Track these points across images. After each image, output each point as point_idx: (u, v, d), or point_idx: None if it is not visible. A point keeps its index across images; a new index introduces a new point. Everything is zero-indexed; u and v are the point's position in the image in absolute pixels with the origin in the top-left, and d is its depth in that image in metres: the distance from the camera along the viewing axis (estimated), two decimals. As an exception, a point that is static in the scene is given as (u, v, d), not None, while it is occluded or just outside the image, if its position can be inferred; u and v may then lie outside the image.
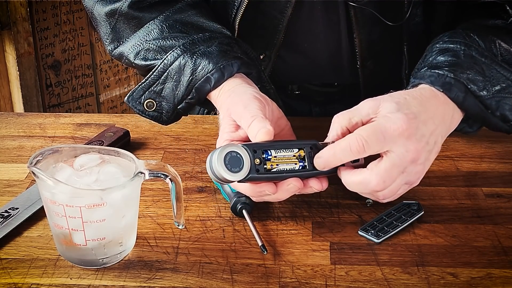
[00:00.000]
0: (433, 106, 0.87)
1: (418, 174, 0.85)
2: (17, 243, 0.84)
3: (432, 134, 0.85)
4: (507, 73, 0.92)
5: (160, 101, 0.98)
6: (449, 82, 0.89)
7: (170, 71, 0.97)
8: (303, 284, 0.77)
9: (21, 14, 2.16)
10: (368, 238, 0.84)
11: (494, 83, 0.91)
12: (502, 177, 0.96)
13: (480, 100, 0.90)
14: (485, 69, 0.91)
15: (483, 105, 0.90)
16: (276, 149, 0.82)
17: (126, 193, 0.78)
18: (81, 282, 0.77)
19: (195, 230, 0.86)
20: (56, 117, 1.14)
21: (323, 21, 1.09)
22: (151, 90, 0.98)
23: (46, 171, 0.77)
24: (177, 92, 0.97)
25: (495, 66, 0.92)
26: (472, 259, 0.80)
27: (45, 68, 2.31)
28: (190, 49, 0.96)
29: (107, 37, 1.04)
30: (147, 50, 1.00)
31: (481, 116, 0.91)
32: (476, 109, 0.90)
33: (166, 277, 0.78)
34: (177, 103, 0.97)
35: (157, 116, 0.99)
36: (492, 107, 0.91)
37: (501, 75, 0.92)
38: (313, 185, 0.84)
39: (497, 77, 0.91)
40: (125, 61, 1.03)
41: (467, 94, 0.89)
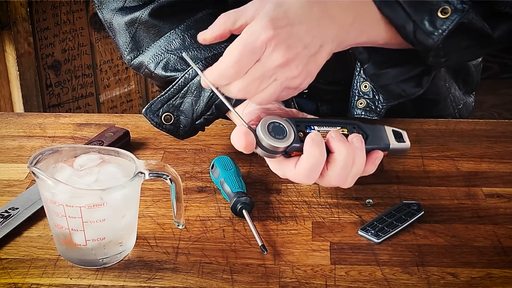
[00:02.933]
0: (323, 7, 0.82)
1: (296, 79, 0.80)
2: (17, 243, 0.84)
3: (315, 37, 0.80)
4: None
5: (178, 115, 0.97)
6: None
7: (191, 85, 0.96)
8: (303, 284, 0.77)
9: (21, 14, 2.16)
10: (368, 238, 0.84)
11: None
12: (502, 177, 0.96)
13: (402, 6, 0.86)
14: None
15: (404, 11, 0.86)
16: (318, 125, 0.81)
17: (126, 193, 0.78)
18: (81, 282, 0.77)
19: (195, 230, 0.86)
20: (56, 117, 1.14)
21: None
22: (170, 103, 0.97)
23: (46, 171, 0.77)
24: (196, 108, 0.96)
25: None
26: (472, 259, 0.80)
27: (45, 68, 2.31)
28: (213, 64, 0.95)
29: (126, 47, 1.03)
30: (168, 60, 0.99)
31: (402, 24, 0.87)
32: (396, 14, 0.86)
33: (166, 277, 0.78)
34: (196, 118, 0.96)
35: (174, 130, 0.98)
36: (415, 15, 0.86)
37: None
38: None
39: None
40: (144, 70, 1.02)
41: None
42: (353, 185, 0.94)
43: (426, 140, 1.05)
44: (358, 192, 0.93)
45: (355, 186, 0.93)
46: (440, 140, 1.05)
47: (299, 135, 0.80)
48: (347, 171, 0.81)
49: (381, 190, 0.93)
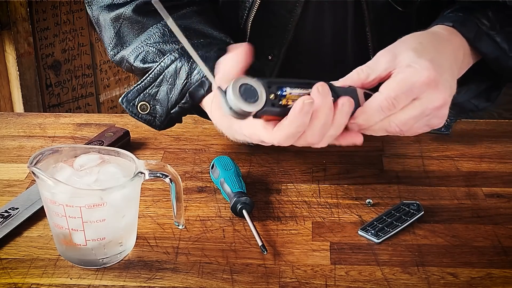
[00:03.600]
0: (449, 49, 0.86)
1: (442, 118, 0.84)
2: (17, 243, 0.84)
3: (453, 78, 0.85)
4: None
5: (154, 104, 0.98)
6: (459, 19, 0.89)
7: (166, 74, 0.96)
8: (303, 284, 0.77)
9: (21, 14, 2.16)
10: (368, 238, 0.84)
11: (505, 24, 0.91)
12: (502, 177, 0.96)
13: (491, 37, 0.90)
14: (491, 15, 0.91)
15: (495, 43, 0.90)
16: (290, 87, 0.78)
17: (126, 193, 0.78)
18: (81, 282, 0.77)
19: (195, 230, 0.86)
20: (56, 117, 1.14)
21: (331, 17, 1.09)
22: (146, 92, 0.98)
23: (46, 171, 0.77)
24: (171, 96, 0.96)
25: (501, 14, 0.91)
26: (472, 259, 0.80)
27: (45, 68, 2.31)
28: (188, 53, 0.96)
29: (110, 42, 1.04)
30: (147, 52, 0.99)
31: (494, 57, 0.91)
32: (490, 48, 0.90)
33: (166, 277, 0.78)
34: (171, 107, 0.97)
35: (150, 119, 0.99)
36: (505, 46, 0.90)
37: (508, 17, 0.91)
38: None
39: (504, 19, 0.91)
40: (126, 64, 1.03)
41: (479, 30, 0.89)
42: (353, 185, 0.94)
43: (426, 140, 1.05)
44: (358, 192, 0.93)
45: (355, 186, 0.94)
46: (440, 140, 1.05)
47: (271, 97, 0.76)
48: (325, 130, 0.80)
49: (381, 190, 0.93)
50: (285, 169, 0.98)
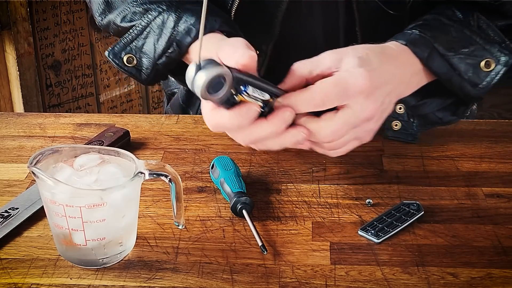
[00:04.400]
0: (393, 66, 0.87)
1: (370, 132, 0.85)
2: (17, 243, 0.84)
3: (389, 95, 0.85)
4: (475, 36, 0.91)
5: (140, 57, 0.98)
6: (414, 38, 0.89)
7: (152, 25, 0.96)
8: (303, 284, 0.77)
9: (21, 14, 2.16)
10: (368, 238, 0.84)
11: (462, 44, 0.91)
12: (502, 177, 0.96)
13: (446, 58, 0.90)
14: (453, 31, 0.91)
15: (449, 65, 0.90)
16: (254, 87, 0.79)
17: (126, 193, 0.78)
18: (81, 282, 0.77)
19: (195, 230, 0.86)
20: (56, 117, 1.14)
21: (322, 17, 1.09)
22: (133, 45, 0.98)
23: (46, 171, 0.77)
24: (157, 46, 0.96)
25: (464, 30, 0.91)
26: (472, 259, 0.80)
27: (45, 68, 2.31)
28: (176, 5, 0.96)
29: (98, 8, 1.04)
30: (134, 13, 0.99)
31: (447, 77, 0.91)
32: (443, 68, 0.90)
33: (166, 277, 0.78)
34: (157, 57, 0.96)
35: (136, 72, 0.98)
36: (459, 67, 0.91)
37: (470, 38, 0.91)
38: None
39: (466, 40, 0.91)
40: (112, 27, 1.02)
41: (432, 51, 0.89)
42: (353, 185, 0.94)
43: (426, 140, 1.05)
44: (358, 192, 0.93)
45: (355, 186, 0.94)
46: (440, 140, 1.05)
47: (232, 91, 0.77)
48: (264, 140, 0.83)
49: (381, 190, 0.93)
50: (285, 169, 0.98)
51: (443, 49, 0.90)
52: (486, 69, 0.91)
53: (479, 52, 0.91)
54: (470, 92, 0.92)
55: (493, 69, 0.91)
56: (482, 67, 0.91)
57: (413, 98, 0.97)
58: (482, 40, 0.91)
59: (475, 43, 0.91)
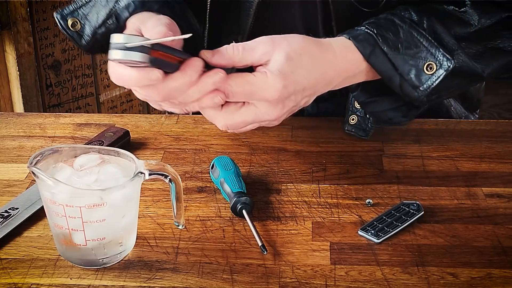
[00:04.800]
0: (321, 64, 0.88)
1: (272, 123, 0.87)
2: (17, 243, 0.83)
3: (306, 97, 0.87)
4: (422, 38, 0.91)
5: (84, 23, 1.00)
6: (359, 34, 0.90)
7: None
8: (303, 284, 0.77)
9: (21, 14, 2.16)
10: (368, 238, 0.84)
11: (407, 46, 0.90)
12: (502, 177, 0.96)
13: (388, 57, 0.90)
14: (401, 32, 0.91)
15: (391, 64, 0.90)
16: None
17: (126, 193, 0.78)
18: (81, 282, 0.77)
19: (195, 230, 0.86)
20: (56, 117, 1.14)
21: (299, 11, 1.09)
22: (80, 11, 1.00)
23: (46, 171, 0.77)
24: (99, 16, 0.99)
25: (413, 31, 0.91)
26: (472, 259, 0.80)
27: (45, 68, 2.31)
28: None
29: None
30: None
31: (389, 76, 0.91)
32: (384, 66, 0.90)
33: (166, 277, 0.78)
34: (98, 26, 0.99)
35: (77, 37, 1.01)
36: (401, 68, 0.90)
37: (418, 40, 0.91)
38: None
39: (412, 41, 0.91)
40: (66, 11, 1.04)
41: (376, 48, 0.90)
42: (353, 185, 0.94)
43: (426, 140, 1.05)
44: (358, 192, 0.93)
45: (355, 186, 0.94)
46: (440, 140, 1.05)
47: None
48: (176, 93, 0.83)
49: (381, 190, 0.93)
50: (285, 169, 0.98)
51: (387, 47, 0.90)
52: (428, 72, 0.90)
53: (423, 55, 0.90)
54: (411, 93, 0.92)
55: (434, 72, 0.90)
56: (425, 69, 0.90)
57: (363, 95, 0.97)
58: (428, 43, 0.91)
59: (421, 45, 0.91)
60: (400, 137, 1.05)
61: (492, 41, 0.95)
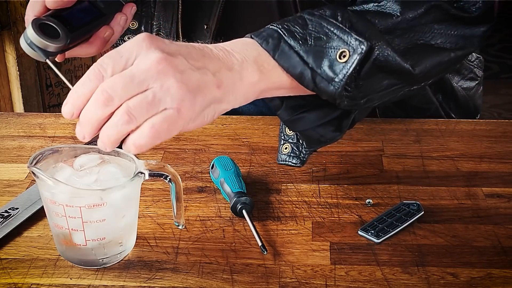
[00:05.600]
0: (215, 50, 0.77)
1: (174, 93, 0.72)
2: (17, 243, 0.84)
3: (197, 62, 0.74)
4: (335, 29, 0.81)
5: None
6: (262, 31, 0.81)
7: None
8: (303, 284, 0.77)
9: (21, 14, 2.16)
10: (368, 238, 0.84)
11: (316, 37, 0.81)
12: (502, 177, 0.96)
13: (296, 51, 0.80)
14: (310, 24, 0.82)
15: (300, 58, 0.80)
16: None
17: (126, 193, 0.78)
18: (81, 282, 0.77)
19: (195, 230, 0.86)
20: (56, 117, 1.14)
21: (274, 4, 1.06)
22: None
23: (46, 171, 0.77)
24: None
25: (323, 22, 0.82)
26: (472, 259, 0.80)
27: (45, 68, 2.31)
28: None
29: None
30: None
31: (300, 72, 0.80)
32: (292, 62, 0.80)
33: (166, 277, 0.78)
34: None
35: None
36: (312, 61, 0.80)
37: (328, 29, 0.81)
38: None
39: (322, 32, 0.81)
40: None
41: (280, 43, 0.80)
42: (353, 185, 0.94)
43: (426, 140, 1.05)
44: (358, 192, 0.93)
45: (355, 186, 0.94)
46: (440, 140, 1.05)
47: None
48: None
49: (381, 190, 0.93)
50: (285, 169, 0.98)
51: (293, 40, 0.80)
52: (341, 60, 0.80)
53: (334, 43, 0.80)
54: (326, 88, 0.81)
55: (348, 59, 0.80)
56: (337, 58, 0.80)
57: (287, 112, 0.87)
58: (340, 31, 0.81)
59: (332, 34, 0.81)
60: (400, 137, 1.05)
61: (422, 36, 0.86)
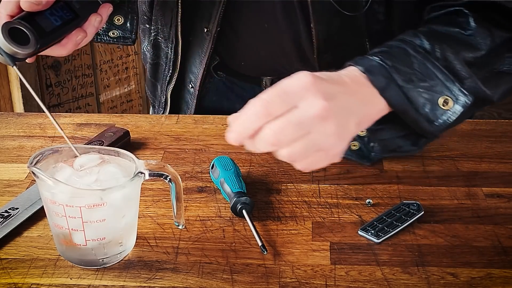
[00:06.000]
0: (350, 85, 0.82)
1: (331, 138, 0.76)
2: (17, 243, 0.84)
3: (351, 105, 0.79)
4: (437, 71, 0.87)
5: None
6: (373, 65, 0.84)
7: None
8: (303, 284, 0.77)
9: (21, 14, 2.16)
10: (368, 238, 0.84)
11: (421, 78, 0.86)
12: (502, 177, 0.96)
13: (403, 91, 0.85)
14: (415, 63, 0.86)
15: (406, 98, 0.85)
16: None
17: (126, 193, 0.78)
18: (81, 282, 0.77)
19: (195, 230, 0.86)
20: (56, 117, 1.14)
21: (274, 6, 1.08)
22: None
23: (46, 171, 0.77)
24: None
25: (427, 63, 0.87)
26: (472, 259, 0.80)
27: (45, 68, 2.31)
28: None
29: None
30: None
31: (402, 110, 0.85)
32: (399, 100, 0.85)
33: (166, 277, 0.78)
34: None
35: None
36: (417, 102, 0.86)
37: (432, 72, 0.86)
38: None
39: (427, 74, 0.86)
40: None
41: (390, 81, 0.84)
42: (353, 185, 0.94)
43: (426, 140, 1.05)
44: (358, 192, 0.93)
45: (355, 186, 0.94)
46: (440, 140, 1.05)
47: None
48: None
49: (381, 190, 0.93)
50: (285, 169, 0.98)
51: (401, 80, 0.85)
52: (443, 107, 0.86)
53: (438, 88, 0.86)
54: (426, 127, 0.87)
55: (451, 108, 0.87)
56: (440, 104, 0.86)
57: None
58: (444, 76, 0.87)
59: (436, 78, 0.86)
60: (400, 137, 1.05)
61: (496, 65, 0.93)
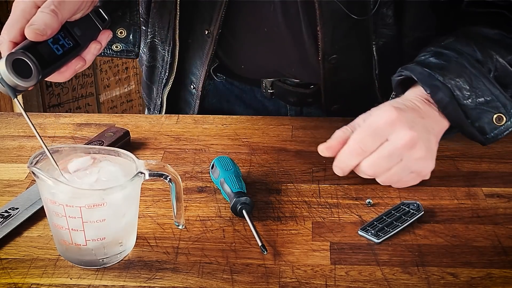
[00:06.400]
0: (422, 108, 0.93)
1: (421, 161, 0.90)
2: (17, 243, 0.84)
3: (428, 127, 0.91)
4: (492, 88, 0.95)
5: None
6: (436, 85, 0.94)
7: None
8: (303, 284, 0.77)
9: (21, 14, 2.16)
10: (368, 238, 0.84)
11: (479, 94, 0.94)
12: (502, 177, 0.96)
13: (462, 108, 0.94)
14: (473, 80, 0.95)
15: (464, 114, 0.94)
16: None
17: (126, 193, 0.78)
18: (81, 282, 0.77)
19: (195, 230, 0.86)
20: (56, 117, 1.14)
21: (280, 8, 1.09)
22: None
23: (46, 171, 0.77)
24: None
25: (482, 78, 0.95)
26: (472, 259, 0.80)
27: (45, 68, 2.30)
28: None
29: None
30: None
31: (458, 124, 0.95)
32: (457, 116, 0.94)
33: (166, 277, 0.78)
34: None
35: None
36: (472, 117, 0.94)
37: (487, 88, 0.95)
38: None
39: (482, 90, 0.94)
40: None
41: (452, 99, 0.93)
42: (353, 185, 0.94)
43: (426, 140, 1.05)
44: (358, 192, 0.93)
45: (355, 186, 0.94)
46: (440, 140, 1.04)
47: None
48: None
49: (381, 190, 0.93)
50: (285, 169, 0.98)
51: (461, 98, 0.94)
52: (497, 123, 0.95)
53: (494, 104, 0.94)
54: (477, 137, 0.96)
55: (504, 124, 0.95)
56: (494, 120, 0.95)
57: None
58: (499, 92, 0.95)
59: (491, 95, 0.94)
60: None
61: None
